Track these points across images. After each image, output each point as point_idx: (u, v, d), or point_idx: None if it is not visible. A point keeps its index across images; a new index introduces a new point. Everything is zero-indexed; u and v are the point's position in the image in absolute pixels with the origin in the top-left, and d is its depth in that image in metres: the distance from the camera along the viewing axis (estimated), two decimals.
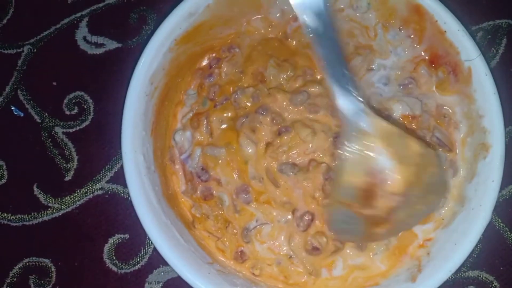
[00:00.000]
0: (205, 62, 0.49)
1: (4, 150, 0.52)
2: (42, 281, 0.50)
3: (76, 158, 0.52)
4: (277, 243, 0.44)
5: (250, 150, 0.44)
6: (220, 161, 0.45)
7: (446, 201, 0.44)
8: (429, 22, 0.44)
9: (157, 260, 0.50)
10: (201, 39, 0.47)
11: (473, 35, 0.43)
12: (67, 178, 0.52)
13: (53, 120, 0.53)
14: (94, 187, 0.51)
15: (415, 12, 0.45)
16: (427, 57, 0.46)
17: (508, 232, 0.50)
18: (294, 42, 0.48)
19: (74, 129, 0.53)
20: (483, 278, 0.49)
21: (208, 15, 0.45)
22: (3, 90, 0.53)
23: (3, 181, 0.52)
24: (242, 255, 0.44)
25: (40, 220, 0.51)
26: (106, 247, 0.50)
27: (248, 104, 0.45)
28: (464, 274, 0.49)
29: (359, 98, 0.37)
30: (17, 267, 0.50)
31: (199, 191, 0.45)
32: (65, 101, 0.53)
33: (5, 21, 0.55)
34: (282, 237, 0.44)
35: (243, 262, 0.44)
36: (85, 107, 0.53)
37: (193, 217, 0.46)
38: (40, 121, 0.53)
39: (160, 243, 0.41)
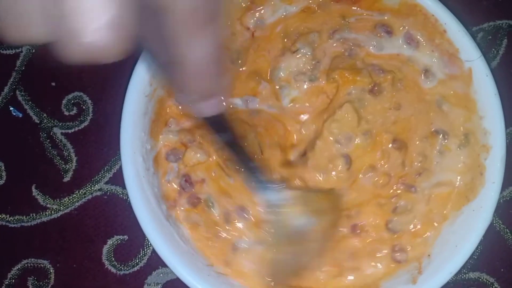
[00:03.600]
0: None
1: (2, 151, 0.52)
2: (41, 283, 0.50)
3: (75, 159, 0.52)
4: None
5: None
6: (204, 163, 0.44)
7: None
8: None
9: (156, 261, 0.50)
10: None
11: (473, 36, 0.43)
12: (65, 179, 0.51)
13: (52, 121, 0.53)
14: (92, 188, 0.51)
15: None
16: None
17: (508, 234, 0.50)
18: None
19: (73, 130, 0.52)
20: (484, 279, 0.49)
21: None
22: (1, 91, 0.53)
23: (2, 182, 0.52)
24: (228, 264, 0.43)
25: (39, 221, 0.51)
26: (105, 249, 0.50)
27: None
28: (464, 276, 0.49)
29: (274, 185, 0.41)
30: (15, 268, 0.50)
31: (187, 203, 0.44)
32: (63, 101, 0.53)
33: None
34: None
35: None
36: (84, 107, 0.53)
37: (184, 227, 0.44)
38: (38, 121, 0.53)
39: (159, 245, 0.40)
